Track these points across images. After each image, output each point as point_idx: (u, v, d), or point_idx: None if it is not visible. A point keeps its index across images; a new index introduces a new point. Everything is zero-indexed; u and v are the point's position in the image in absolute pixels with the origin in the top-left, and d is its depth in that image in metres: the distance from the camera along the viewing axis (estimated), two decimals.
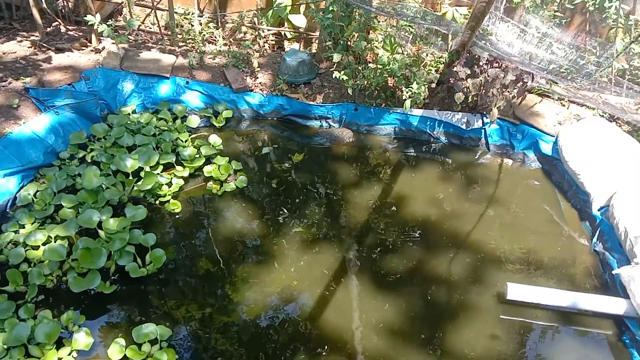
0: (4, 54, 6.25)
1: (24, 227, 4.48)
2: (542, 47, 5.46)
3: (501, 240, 4.97)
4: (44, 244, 4.28)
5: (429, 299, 4.35)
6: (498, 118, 6.16)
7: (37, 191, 4.83)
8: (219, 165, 5.47)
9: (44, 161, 5.17)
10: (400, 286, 4.43)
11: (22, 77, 5.79)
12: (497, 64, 5.93)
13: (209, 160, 5.63)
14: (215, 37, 7.20)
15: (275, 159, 5.95)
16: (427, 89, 6.09)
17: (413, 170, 5.98)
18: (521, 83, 5.92)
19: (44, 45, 6.50)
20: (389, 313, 4.18)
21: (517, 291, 4.25)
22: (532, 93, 6.47)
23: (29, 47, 6.47)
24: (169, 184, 5.22)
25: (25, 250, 4.22)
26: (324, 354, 3.83)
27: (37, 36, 6.66)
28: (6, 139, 5.01)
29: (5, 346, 3.49)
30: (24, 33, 6.80)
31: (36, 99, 5.60)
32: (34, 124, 5.30)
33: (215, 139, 5.86)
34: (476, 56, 6.03)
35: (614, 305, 4.17)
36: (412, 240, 4.92)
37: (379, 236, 4.94)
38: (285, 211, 5.15)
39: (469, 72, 5.89)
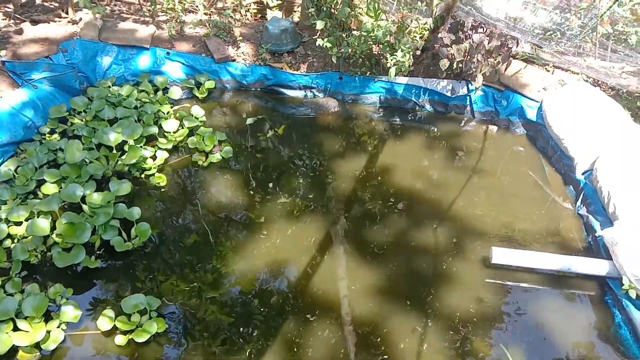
0: None
1: (5, 203, 4.42)
2: (527, 10, 5.41)
3: (486, 206, 5.01)
4: (26, 220, 4.23)
5: (415, 265, 4.39)
6: (483, 84, 6.14)
7: (18, 166, 4.74)
8: (203, 137, 5.40)
9: (24, 136, 5.07)
10: (387, 253, 4.46)
11: None
12: (481, 30, 5.87)
13: (192, 131, 5.57)
14: (196, 7, 7.03)
15: (260, 130, 5.89)
16: (411, 56, 6.03)
17: (399, 139, 5.96)
18: (506, 48, 5.88)
19: (19, 17, 6.30)
20: (376, 280, 4.22)
21: (502, 255, 4.31)
22: (516, 59, 6.45)
23: (2, 19, 6.27)
24: (154, 157, 5.16)
25: (8, 227, 4.17)
26: (312, 322, 3.87)
27: (10, 8, 6.45)
28: None
29: None
30: None
31: (13, 73, 5.45)
32: (11, 98, 5.17)
33: (197, 111, 5.78)
34: (461, 21, 5.96)
35: (597, 267, 4.25)
36: (398, 209, 4.93)
37: (366, 205, 4.95)
38: (272, 181, 5.12)
39: (453, 38, 5.83)
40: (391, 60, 5.93)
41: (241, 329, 3.79)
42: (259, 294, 4.05)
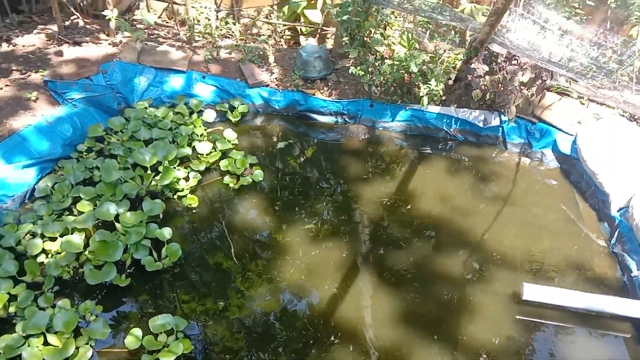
0: (23, 46, 6.30)
1: (41, 219, 4.52)
2: (563, 44, 5.39)
3: (518, 240, 4.93)
4: (61, 236, 4.32)
5: (443, 297, 4.32)
6: (516, 116, 6.09)
7: (55, 183, 4.86)
8: (235, 159, 5.48)
9: (62, 153, 5.22)
10: (413, 284, 4.41)
11: (41, 70, 5.84)
12: (515, 61, 5.86)
13: (224, 154, 5.65)
14: (232, 32, 7.20)
15: (290, 154, 5.95)
16: (444, 86, 6.04)
17: (429, 167, 5.94)
18: (540, 81, 5.84)
19: (62, 38, 6.55)
20: (403, 311, 4.16)
21: (533, 291, 4.21)
22: (551, 91, 6.39)
23: (47, 41, 6.52)
24: (187, 178, 5.24)
25: (43, 242, 4.26)
26: (336, 348, 3.83)
27: (55, 29, 6.71)
28: (25, 131, 5.05)
29: (24, 334, 3.54)
30: (43, 26, 6.85)
31: (54, 92, 5.65)
32: (52, 116, 5.34)
33: (230, 134, 5.87)
34: (494, 53, 5.96)
35: (632, 308, 4.11)
36: (427, 238, 4.89)
37: (394, 233, 4.92)
38: (300, 206, 5.14)
39: (487, 69, 5.83)
40: (424, 89, 5.95)
41: (266, 353, 3.77)
42: (285, 317, 4.04)
